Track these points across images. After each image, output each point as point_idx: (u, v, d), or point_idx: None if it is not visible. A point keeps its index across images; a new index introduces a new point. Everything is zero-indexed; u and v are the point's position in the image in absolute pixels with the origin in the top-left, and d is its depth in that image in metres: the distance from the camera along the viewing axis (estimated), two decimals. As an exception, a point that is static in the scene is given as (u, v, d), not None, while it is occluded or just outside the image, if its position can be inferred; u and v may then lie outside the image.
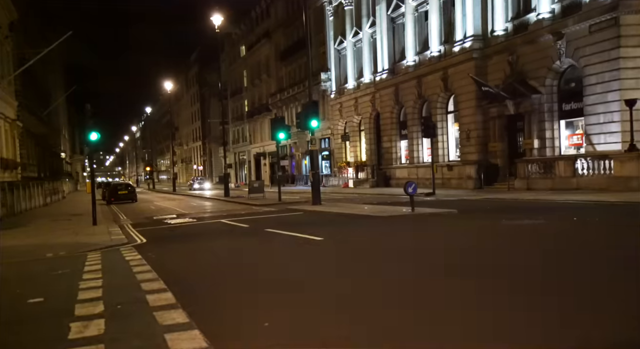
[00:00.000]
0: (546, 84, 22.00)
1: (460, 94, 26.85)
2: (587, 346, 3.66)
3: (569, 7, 20.79)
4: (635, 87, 18.25)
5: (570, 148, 21.98)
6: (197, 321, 4.69)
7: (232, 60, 65.87)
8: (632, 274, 5.70)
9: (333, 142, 42.81)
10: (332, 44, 41.24)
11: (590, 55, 19.56)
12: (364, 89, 36.95)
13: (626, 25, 18.32)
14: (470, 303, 4.98)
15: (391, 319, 4.56)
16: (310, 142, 22.13)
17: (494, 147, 24.69)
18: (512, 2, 24.01)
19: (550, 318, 4.32)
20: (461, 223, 12.08)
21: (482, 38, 25.32)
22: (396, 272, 6.71)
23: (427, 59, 29.46)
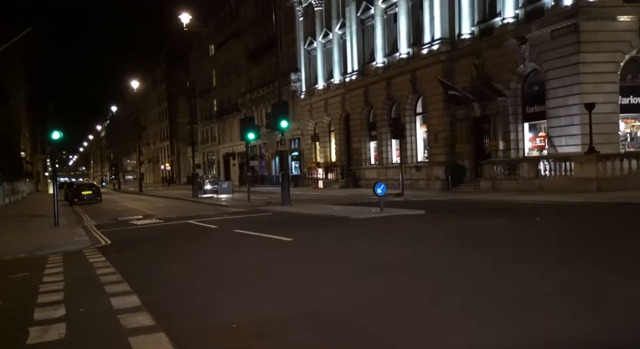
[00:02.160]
0: (511, 87, 22.56)
1: (429, 96, 27.25)
2: (539, 343, 3.76)
3: (532, 13, 21.37)
4: (594, 92, 18.89)
5: (533, 150, 22.59)
6: (163, 323, 4.61)
7: (201, 59, 65.05)
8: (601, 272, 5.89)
9: (303, 142, 42.79)
10: (302, 44, 41.23)
11: (552, 59, 20.15)
12: (333, 90, 37.07)
13: (585, 32, 18.97)
14: (426, 301, 5.04)
15: (350, 319, 4.58)
16: (280, 143, 22.01)
17: (461, 148, 25.16)
18: (479, 6, 24.53)
19: (498, 315, 4.42)
20: (429, 224, 12.26)
21: (449, 41, 25.76)
22: (360, 271, 6.75)
23: (396, 60, 29.79)
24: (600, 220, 10.97)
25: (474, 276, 5.97)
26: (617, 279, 5.44)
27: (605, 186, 17.19)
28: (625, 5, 19.05)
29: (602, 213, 12.15)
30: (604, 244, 7.80)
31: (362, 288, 5.79)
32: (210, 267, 7.95)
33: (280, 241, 10.13)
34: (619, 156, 18.20)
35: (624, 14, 19.02)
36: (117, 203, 30.79)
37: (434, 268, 6.67)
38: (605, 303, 4.56)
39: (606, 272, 5.81)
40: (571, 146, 19.56)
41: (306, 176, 40.77)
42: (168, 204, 27.31)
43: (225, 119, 58.30)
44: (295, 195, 24.52)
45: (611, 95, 19.23)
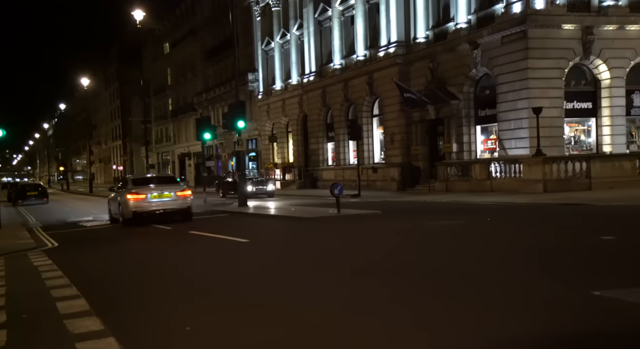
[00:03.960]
0: (464, 91, 23.19)
1: (385, 98, 27.64)
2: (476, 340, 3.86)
3: (484, 19, 22.05)
4: (541, 97, 19.68)
5: (485, 152, 23.30)
6: (112, 328, 4.45)
7: (155, 57, 63.50)
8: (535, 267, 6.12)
9: (260, 143, 42.51)
10: (260, 44, 40.95)
11: (502, 64, 20.86)
12: (291, 91, 37.01)
13: (533, 39, 19.74)
14: (374, 301, 5.10)
15: (312, 319, 4.58)
16: (237, 143, 21.79)
17: (416, 150, 25.64)
18: (433, 11, 25.09)
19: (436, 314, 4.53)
20: (384, 224, 12.43)
21: (405, 44, 26.22)
22: (317, 272, 6.76)
23: (353, 62, 30.05)
24: (546, 220, 11.43)
25: (424, 271, 6.10)
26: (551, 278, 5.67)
27: (551, 187, 17.93)
28: (569, 15, 19.96)
29: (546, 213, 12.67)
30: (544, 243, 8.12)
31: (318, 290, 5.79)
32: (164, 269, 7.76)
33: (237, 242, 10.01)
34: (563, 158, 19.02)
35: (568, 23, 19.92)
36: (66, 204, 29.61)
37: (391, 267, 6.75)
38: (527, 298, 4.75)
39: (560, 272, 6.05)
40: (520, 148, 20.30)
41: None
42: (120, 206, 26.46)
43: (181, 118, 57.17)
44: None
45: (557, 100, 20.10)
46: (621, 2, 20.34)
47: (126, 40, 65.01)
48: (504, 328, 3.84)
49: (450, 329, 3.97)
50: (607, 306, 4.14)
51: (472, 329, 3.91)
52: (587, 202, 13.96)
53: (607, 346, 3.36)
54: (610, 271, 5.59)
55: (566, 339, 3.51)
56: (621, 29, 20.35)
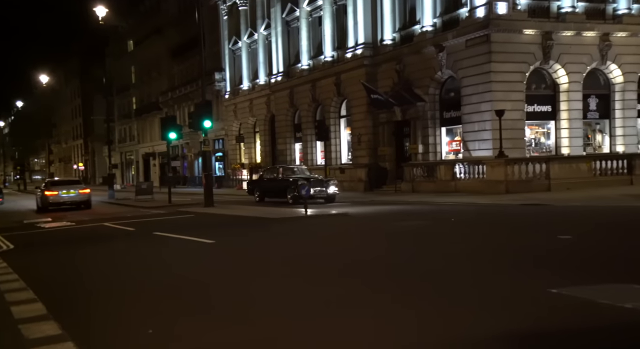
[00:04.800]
0: (429, 93, 23.57)
1: (352, 99, 27.81)
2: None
3: (448, 22, 22.47)
4: (503, 99, 20.19)
5: (450, 154, 23.74)
6: (71, 332, 4.32)
7: (119, 54, 62.01)
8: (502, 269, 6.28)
9: (227, 143, 42.08)
10: (227, 43, 40.55)
11: (467, 67, 21.31)
12: (259, 91, 36.79)
13: (496, 43, 20.24)
14: (337, 301, 5.13)
15: (275, 320, 4.56)
16: (203, 143, 21.51)
17: (383, 151, 25.90)
18: (399, 13, 25.40)
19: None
20: (352, 224, 12.50)
21: (372, 46, 26.45)
22: (281, 274, 6.74)
23: (321, 63, 30.11)
24: (506, 220, 11.73)
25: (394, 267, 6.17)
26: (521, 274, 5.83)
27: (512, 188, 18.42)
28: (529, 20, 20.57)
29: (507, 213, 13.00)
30: (501, 241, 8.34)
31: (285, 292, 5.77)
32: (126, 271, 7.58)
33: (202, 244, 9.87)
34: (524, 160, 19.57)
35: (529, 28, 20.52)
36: (23, 204, 28.56)
37: (358, 267, 6.79)
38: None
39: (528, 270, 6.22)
40: (483, 150, 20.78)
41: (230, 177, 40.13)
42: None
43: (145, 117, 56.01)
44: (220, 196, 24.04)
45: (518, 103, 20.67)
46: (578, 9, 21.10)
47: (88, 37, 63.21)
48: (462, 326, 3.91)
49: (409, 328, 4.01)
50: (563, 303, 4.27)
51: (430, 327, 3.96)
52: (547, 203, 14.42)
53: (563, 342, 3.47)
54: (567, 269, 5.77)
55: (524, 336, 3.60)
56: (578, 35, 21.10)
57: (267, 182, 21.28)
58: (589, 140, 22.71)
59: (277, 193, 20.08)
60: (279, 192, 19.83)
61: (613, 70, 21.92)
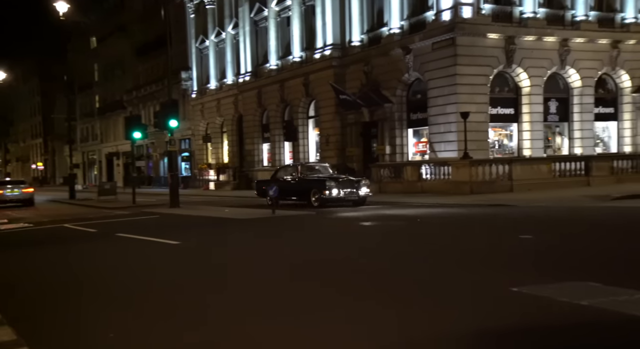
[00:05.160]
0: (397, 95, 23.83)
1: (321, 99, 27.85)
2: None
3: (416, 25, 22.78)
4: (468, 102, 20.60)
5: (417, 155, 24.06)
6: (27, 338, 4.16)
7: (81, 51, 60.24)
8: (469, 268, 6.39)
9: (194, 143, 41.50)
10: (194, 42, 39.98)
11: (433, 70, 21.65)
12: (226, 91, 36.43)
13: (461, 46, 20.64)
14: (307, 301, 5.13)
15: (250, 323, 4.51)
16: (169, 143, 21.12)
17: (351, 152, 26.03)
18: (368, 15, 25.60)
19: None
20: (319, 224, 12.50)
21: (341, 47, 26.56)
22: (253, 275, 6.68)
23: (289, 63, 30.04)
24: (470, 220, 11.96)
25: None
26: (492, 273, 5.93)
27: (477, 189, 18.79)
28: (493, 24, 21.06)
29: (471, 214, 13.26)
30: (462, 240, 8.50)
31: (256, 294, 5.72)
32: (85, 274, 7.35)
33: (166, 245, 9.68)
34: (488, 161, 20.01)
35: (492, 32, 21.01)
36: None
37: (327, 267, 6.78)
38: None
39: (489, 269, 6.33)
40: (449, 151, 21.14)
41: (197, 178, 39.59)
42: (40, 206, 24.91)
43: (109, 116, 54.67)
44: (185, 197, 23.68)
45: (482, 105, 21.13)
46: (539, 15, 21.74)
47: (49, 32, 61.26)
48: (424, 325, 3.94)
49: (370, 327, 4.03)
50: (524, 301, 4.37)
51: (392, 327, 3.98)
52: (509, 203, 14.77)
53: (524, 339, 3.54)
54: (527, 267, 5.91)
55: (486, 334, 3.65)
56: (539, 40, 21.73)
57: (283, 183, 17.90)
58: (549, 142, 23.42)
59: (296, 195, 17.70)
60: (299, 194, 17.51)
61: (572, 75, 22.67)
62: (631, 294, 4.20)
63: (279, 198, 17.21)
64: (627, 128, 23.64)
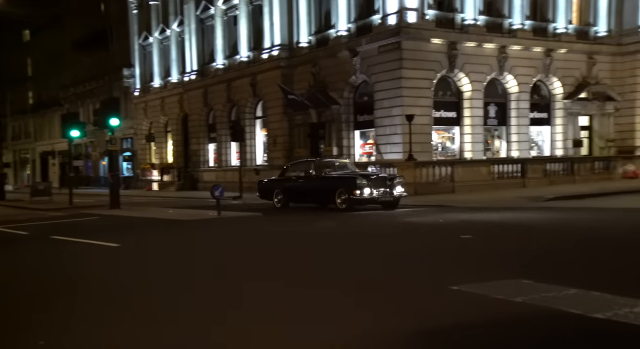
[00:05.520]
0: (344, 96, 24.06)
1: (268, 100, 27.68)
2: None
3: (362, 28, 23.09)
4: (413, 105, 21.08)
5: (363, 156, 24.38)
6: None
7: (12, 44, 56.79)
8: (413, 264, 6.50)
9: (136, 142, 40.16)
10: (137, 38, 38.69)
11: (379, 73, 22.02)
12: (171, 89, 35.50)
13: (406, 50, 21.12)
14: (241, 298, 5.07)
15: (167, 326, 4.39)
16: (109, 142, 20.32)
17: (298, 153, 26.00)
18: (315, 17, 25.70)
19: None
20: (265, 225, 12.40)
21: (288, 48, 26.51)
22: (188, 276, 6.52)
23: (236, 63, 29.67)
24: (413, 221, 12.24)
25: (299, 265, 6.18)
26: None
27: (421, 190, 19.27)
28: (437, 30, 21.69)
29: (414, 214, 13.58)
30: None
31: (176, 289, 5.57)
32: (14, 279, 6.91)
33: (105, 247, 9.28)
34: (432, 163, 20.58)
35: (436, 38, 21.63)
36: None
37: (265, 269, 6.72)
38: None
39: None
40: (394, 153, 21.57)
41: (139, 178, 38.34)
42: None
43: (44, 113, 51.91)
44: (127, 197, 22.86)
45: (426, 108, 21.70)
46: (479, 22, 22.60)
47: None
48: (363, 325, 3.97)
49: (310, 328, 4.02)
50: (463, 299, 4.49)
51: (330, 327, 3.98)
52: (451, 204, 15.24)
53: (463, 336, 3.64)
54: (467, 266, 6.10)
55: (426, 332, 3.72)
56: (479, 47, 22.59)
57: (296, 182, 15.86)
58: (488, 145, 24.38)
59: (314, 196, 15.33)
60: (318, 195, 15.08)
61: (509, 81, 23.72)
62: (559, 290, 4.42)
63: (289, 201, 15.77)
64: (559, 133, 24.98)
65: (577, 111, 24.84)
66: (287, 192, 16.19)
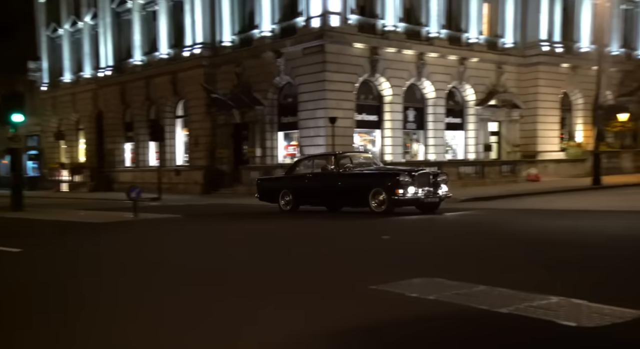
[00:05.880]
0: (268, 97, 23.95)
1: (190, 99, 26.92)
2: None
3: (287, 30, 23.13)
4: (336, 108, 21.43)
5: (287, 158, 24.40)
6: None
7: None
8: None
9: (44, 140, 37.46)
10: (44, 30, 36.05)
11: (304, 75, 22.16)
12: (84, 85, 33.48)
13: (330, 53, 21.43)
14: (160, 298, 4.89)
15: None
16: (12, 139, 18.75)
17: (221, 153, 25.54)
18: (239, 16, 25.37)
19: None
20: (184, 227, 12.02)
21: (211, 47, 25.96)
22: (100, 281, 6.15)
23: (156, 60, 28.59)
24: (337, 222, 12.42)
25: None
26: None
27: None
28: (359, 35, 22.23)
29: (336, 215, 13.79)
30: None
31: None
32: None
33: (4, 253, 8.52)
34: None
35: (358, 42, 22.16)
36: None
37: (178, 273, 6.50)
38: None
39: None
40: (318, 154, 21.78)
41: (47, 178, 35.75)
42: None
43: None
44: (32, 199, 21.18)
45: (349, 111, 22.14)
46: (399, 29, 23.46)
47: None
48: (280, 325, 3.95)
49: (219, 329, 3.95)
50: (380, 298, 4.59)
51: (248, 329, 3.93)
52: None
53: (378, 334, 3.72)
54: (385, 266, 6.26)
55: (342, 332, 3.75)
56: (399, 53, 23.43)
57: (311, 181, 13.15)
58: (407, 148, 25.34)
59: (337, 197, 12.70)
60: (343, 196, 12.53)
61: (427, 87, 24.81)
62: (469, 288, 4.66)
63: (300, 203, 13.30)
64: (471, 137, 26.50)
65: (488, 117, 26.50)
66: (298, 192, 13.35)
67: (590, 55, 26.53)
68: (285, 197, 13.67)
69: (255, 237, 9.74)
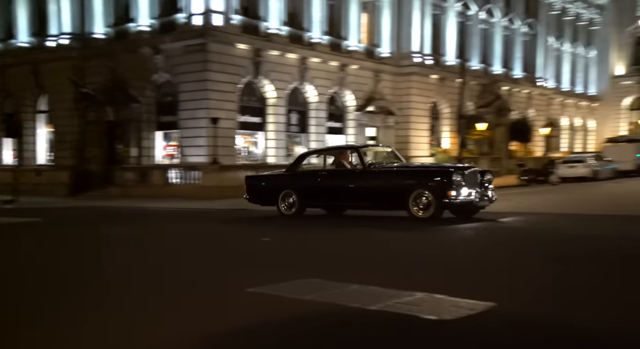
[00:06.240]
0: (145, 95, 22.71)
1: (56, 93, 24.59)
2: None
3: (166, 25, 22.14)
4: (218, 108, 21.02)
5: (166, 158, 23.35)
6: None
7: None
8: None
9: None
10: None
11: (185, 73, 21.37)
12: None
13: (212, 53, 20.94)
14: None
15: None
16: None
17: (91, 152, 23.71)
18: (113, 8, 23.77)
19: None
20: (43, 233, 10.93)
21: (81, 38, 23.99)
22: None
23: (14, 48, 25.69)
24: (213, 225, 12.19)
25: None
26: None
27: (225, 194, 19.25)
28: (242, 35, 22.02)
29: (214, 218, 13.53)
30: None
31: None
32: None
33: None
34: (236, 167, 20.76)
35: (242, 43, 21.94)
36: None
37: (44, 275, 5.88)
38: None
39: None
40: (199, 156, 21.16)
41: None
42: None
43: None
44: None
45: (231, 112, 21.83)
46: (283, 32, 23.67)
47: None
48: (154, 331, 3.79)
49: (126, 331, 3.67)
50: (258, 300, 4.58)
51: (136, 333, 3.71)
52: (252, 207, 15.51)
53: (255, 336, 3.70)
54: (264, 268, 6.26)
55: (218, 335, 3.69)
56: (283, 56, 23.65)
57: (326, 179, 10.96)
58: (290, 151, 25.65)
59: (361, 199, 10.35)
60: (370, 198, 10.20)
61: (309, 91, 25.35)
62: (345, 287, 4.82)
63: (307, 205, 11.11)
64: (351, 141, 27.62)
65: (366, 122, 27.82)
66: (307, 193, 11.04)
67: (455, 68, 29.09)
68: (287, 198, 11.35)
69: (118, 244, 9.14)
